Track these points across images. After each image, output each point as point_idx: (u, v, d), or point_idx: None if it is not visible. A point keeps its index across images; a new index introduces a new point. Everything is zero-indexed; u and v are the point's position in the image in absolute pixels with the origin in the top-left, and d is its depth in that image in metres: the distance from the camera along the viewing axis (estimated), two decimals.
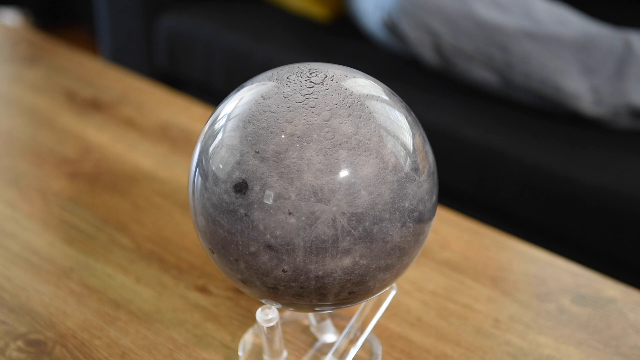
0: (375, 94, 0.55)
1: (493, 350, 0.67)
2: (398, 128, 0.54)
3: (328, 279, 0.52)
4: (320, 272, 0.52)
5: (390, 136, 0.53)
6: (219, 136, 0.53)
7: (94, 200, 0.85)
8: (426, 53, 1.35)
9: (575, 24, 1.28)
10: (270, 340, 0.62)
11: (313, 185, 0.50)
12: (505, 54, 1.27)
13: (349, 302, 0.56)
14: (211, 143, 0.54)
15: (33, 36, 1.29)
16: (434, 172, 0.56)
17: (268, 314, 0.60)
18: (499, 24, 1.28)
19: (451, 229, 0.82)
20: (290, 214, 0.50)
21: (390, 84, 0.65)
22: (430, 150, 0.56)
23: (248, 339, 0.67)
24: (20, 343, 0.66)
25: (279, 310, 0.63)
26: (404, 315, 0.70)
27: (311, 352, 0.66)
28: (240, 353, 0.65)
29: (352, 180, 0.51)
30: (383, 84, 0.57)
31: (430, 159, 0.56)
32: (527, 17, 1.29)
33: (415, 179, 0.53)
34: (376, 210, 0.51)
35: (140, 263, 0.75)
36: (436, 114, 1.30)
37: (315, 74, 0.54)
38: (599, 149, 1.22)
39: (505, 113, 1.30)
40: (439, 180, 0.60)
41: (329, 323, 0.67)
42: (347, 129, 0.51)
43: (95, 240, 0.79)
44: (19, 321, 0.68)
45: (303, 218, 0.50)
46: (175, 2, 1.71)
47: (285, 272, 0.52)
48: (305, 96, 0.52)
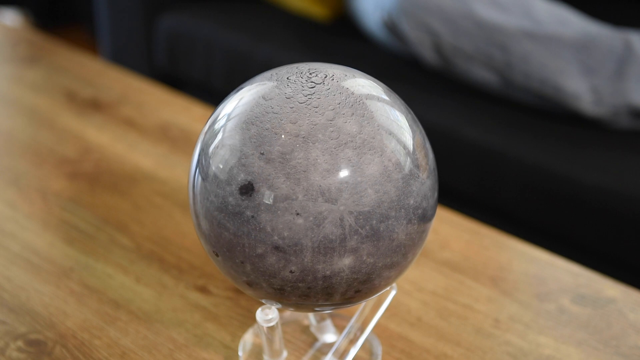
0: (375, 92, 0.55)
1: (493, 350, 0.67)
2: (399, 126, 0.54)
3: (335, 279, 0.53)
4: (328, 272, 0.52)
5: (393, 134, 0.53)
6: (221, 139, 0.53)
7: (94, 200, 0.85)
8: (426, 53, 1.35)
9: (575, 24, 1.28)
10: (270, 340, 0.62)
11: (320, 185, 0.50)
12: (505, 54, 1.27)
13: (354, 301, 0.56)
14: (213, 146, 0.54)
15: (33, 36, 1.29)
16: (435, 170, 0.57)
17: (268, 314, 0.60)
18: (499, 24, 1.28)
19: (451, 229, 0.82)
20: (297, 214, 0.50)
21: (390, 84, 0.65)
22: (430, 148, 0.57)
23: (248, 339, 0.67)
24: (20, 343, 0.66)
25: (279, 310, 0.63)
26: (404, 315, 0.70)
27: (311, 352, 0.66)
28: (240, 353, 0.65)
29: (359, 179, 0.51)
30: (381, 83, 0.57)
31: (430, 156, 0.56)
32: (527, 17, 1.29)
33: (418, 176, 0.54)
34: (382, 208, 0.52)
35: (140, 263, 0.75)
36: (436, 114, 1.30)
37: (315, 74, 0.54)
38: (599, 149, 1.22)
39: (505, 113, 1.30)
40: (439, 181, 0.60)
41: (329, 323, 0.67)
42: (351, 128, 0.52)
43: (95, 240, 0.79)
44: (19, 321, 0.68)
45: (311, 218, 0.50)
46: (175, 2, 1.71)
47: (292, 273, 0.52)
48: (308, 96, 0.52)
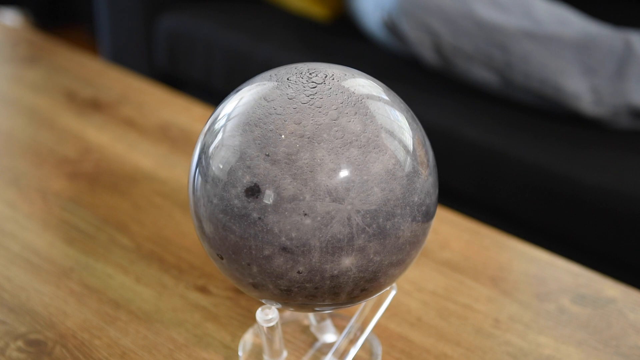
0: (374, 91, 0.55)
1: (493, 350, 0.67)
2: (400, 124, 0.54)
3: (343, 278, 0.53)
4: (336, 271, 0.52)
5: (395, 132, 0.53)
6: (224, 141, 0.53)
7: (94, 200, 0.85)
8: (426, 53, 1.35)
9: (575, 24, 1.28)
10: (270, 340, 0.62)
11: (327, 185, 0.50)
12: (505, 54, 1.27)
13: (358, 300, 0.56)
14: (215, 148, 0.53)
15: (33, 36, 1.29)
16: (435, 167, 0.57)
17: (268, 314, 0.60)
18: (499, 24, 1.28)
19: (451, 229, 0.82)
20: (305, 215, 0.50)
21: (390, 84, 0.65)
22: (430, 146, 0.57)
23: (248, 339, 0.67)
24: (20, 343, 0.66)
25: (279, 310, 0.63)
26: (404, 315, 0.70)
27: (311, 352, 0.66)
28: (240, 353, 0.65)
29: (365, 177, 0.51)
30: (380, 82, 0.57)
31: (430, 153, 0.57)
32: (527, 17, 1.29)
33: (421, 174, 0.54)
34: (389, 206, 0.52)
35: (140, 263, 0.75)
36: (436, 114, 1.30)
37: (315, 74, 0.54)
38: (599, 149, 1.22)
39: (505, 113, 1.30)
40: (439, 181, 0.61)
41: (329, 323, 0.67)
42: (356, 127, 0.52)
43: (95, 240, 0.79)
44: (19, 321, 0.68)
45: (318, 218, 0.50)
46: (175, 2, 1.71)
47: (300, 274, 0.52)
48: (310, 96, 0.52)
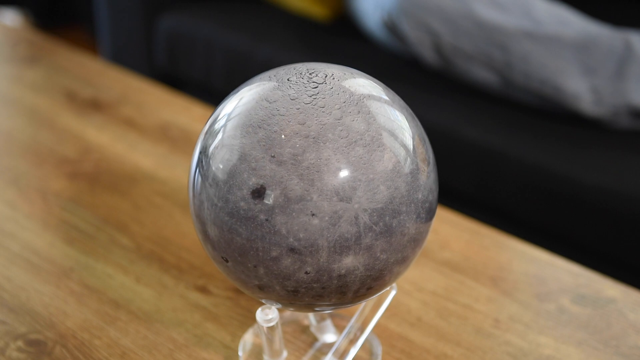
0: (374, 89, 0.55)
1: (493, 350, 0.67)
2: (402, 121, 0.54)
3: (350, 277, 0.53)
4: (343, 271, 0.52)
5: (398, 130, 0.53)
6: (227, 144, 0.53)
7: (94, 200, 0.85)
8: (426, 53, 1.35)
9: (575, 24, 1.28)
10: (270, 340, 0.62)
11: (334, 185, 0.50)
12: (505, 54, 1.27)
13: (363, 299, 0.56)
14: (217, 151, 0.53)
15: (33, 36, 1.29)
16: (435, 164, 0.57)
17: (268, 314, 0.60)
18: (499, 24, 1.28)
19: (451, 229, 0.82)
20: (313, 215, 0.50)
21: (390, 84, 0.65)
22: (429, 143, 0.58)
23: (248, 339, 0.67)
24: (20, 343, 0.66)
25: (279, 310, 0.63)
26: (404, 315, 0.70)
27: (311, 352, 0.66)
28: (240, 353, 0.65)
29: (371, 176, 0.51)
30: (378, 80, 0.57)
31: (430, 151, 0.57)
32: (527, 17, 1.29)
33: (424, 170, 0.54)
34: (394, 204, 0.52)
35: (140, 263, 0.75)
36: (436, 114, 1.30)
37: (315, 74, 0.54)
38: (599, 149, 1.22)
39: (505, 113, 1.30)
40: (439, 181, 0.61)
41: (329, 323, 0.67)
42: (359, 125, 0.52)
43: (95, 240, 0.79)
44: (19, 321, 0.68)
45: (326, 218, 0.50)
46: (175, 2, 1.71)
47: (308, 274, 0.52)
48: (312, 97, 0.52)
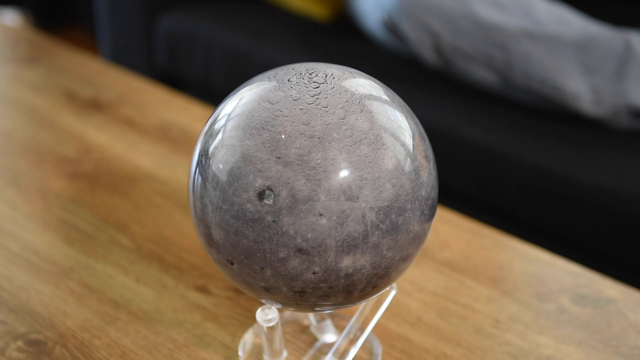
0: (373, 87, 0.55)
1: (493, 350, 0.67)
2: (402, 119, 0.55)
3: (357, 276, 0.53)
4: (351, 270, 0.52)
5: (400, 128, 0.54)
6: (230, 147, 0.53)
7: (94, 200, 0.85)
8: (426, 53, 1.35)
9: (575, 24, 1.28)
10: (270, 340, 0.62)
11: (341, 184, 0.50)
12: (505, 54, 1.27)
13: (368, 297, 0.57)
14: (220, 155, 0.53)
15: (33, 36, 1.29)
16: (435, 161, 0.58)
17: (268, 314, 0.60)
18: (499, 24, 1.28)
19: (451, 229, 0.82)
20: (321, 215, 0.50)
21: (390, 84, 0.65)
22: (428, 140, 0.58)
23: (248, 339, 0.67)
24: (20, 343, 0.66)
25: (279, 310, 0.63)
26: (404, 315, 0.70)
27: (311, 352, 0.66)
28: (240, 353, 0.65)
29: (377, 174, 0.51)
30: (376, 79, 0.57)
31: (430, 147, 0.57)
32: (527, 17, 1.29)
33: (426, 167, 0.55)
34: (400, 201, 0.52)
35: (140, 263, 0.75)
36: (436, 114, 1.30)
37: (315, 74, 0.54)
38: (599, 149, 1.22)
39: (505, 113, 1.30)
40: (439, 181, 0.61)
41: (329, 323, 0.67)
42: (363, 124, 0.52)
43: (95, 240, 0.79)
44: (19, 321, 0.68)
45: (334, 218, 0.51)
46: (175, 2, 1.71)
47: (315, 274, 0.52)
48: (315, 97, 0.52)
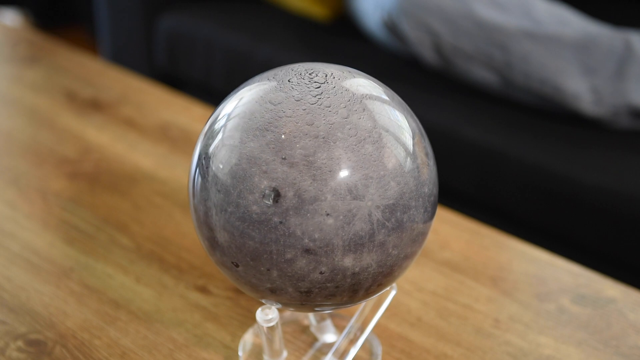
0: (373, 86, 0.55)
1: (493, 350, 0.67)
2: (403, 117, 0.55)
3: (363, 274, 0.53)
4: (357, 269, 0.53)
5: (401, 125, 0.54)
6: (234, 149, 0.52)
7: (94, 200, 0.85)
8: (426, 53, 1.35)
9: (575, 24, 1.28)
10: (270, 340, 0.62)
11: (347, 184, 0.51)
12: (505, 54, 1.27)
13: (371, 296, 0.57)
14: (223, 157, 0.53)
15: (33, 36, 1.29)
16: (434, 157, 0.58)
17: (268, 314, 0.60)
18: (499, 24, 1.28)
19: (451, 229, 0.82)
20: (327, 215, 0.50)
21: (390, 84, 0.65)
22: (427, 137, 0.58)
23: (248, 339, 0.67)
24: (20, 343, 0.66)
25: (279, 310, 0.63)
26: (404, 315, 0.70)
27: (311, 352, 0.66)
28: (240, 353, 0.65)
29: (382, 173, 0.51)
30: (374, 78, 0.57)
31: (429, 144, 0.58)
32: (527, 17, 1.29)
33: (428, 164, 0.55)
34: (404, 199, 0.52)
35: (140, 263, 0.75)
36: (436, 114, 1.30)
37: (315, 74, 0.54)
38: (599, 149, 1.22)
39: (505, 113, 1.30)
40: (439, 181, 0.61)
41: (329, 323, 0.67)
42: (367, 123, 0.52)
43: (95, 240, 0.79)
44: (19, 321, 0.68)
45: (341, 217, 0.51)
46: (175, 2, 1.71)
47: (322, 274, 0.52)
48: (317, 97, 0.52)
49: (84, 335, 0.67)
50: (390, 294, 0.63)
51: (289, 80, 0.54)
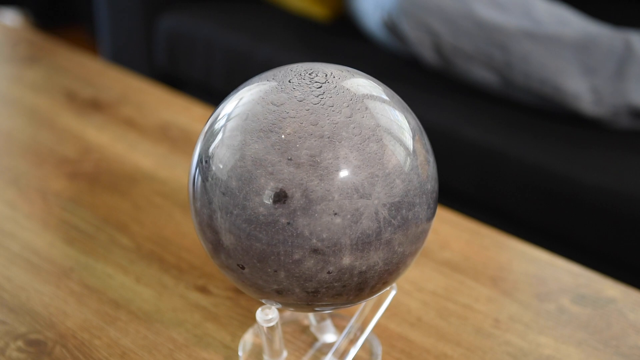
0: (371, 85, 0.56)
1: (493, 350, 0.67)
2: (403, 115, 0.55)
3: (370, 273, 0.53)
4: (364, 267, 0.53)
5: (403, 123, 0.54)
6: (238, 151, 0.52)
7: (94, 200, 0.85)
8: (426, 53, 1.35)
9: (575, 24, 1.28)
10: (270, 340, 0.62)
11: (354, 183, 0.51)
12: (505, 54, 1.27)
13: (376, 293, 0.57)
14: (227, 160, 0.52)
15: (33, 36, 1.29)
16: (433, 153, 0.58)
17: (268, 314, 0.60)
18: (499, 24, 1.28)
19: (451, 229, 0.82)
20: (335, 214, 0.51)
21: (390, 84, 0.65)
22: (426, 134, 0.59)
23: (248, 339, 0.67)
24: (20, 343, 0.66)
25: (279, 310, 0.63)
26: (404, 315, 0.70)
27: (311, 352, 0.66)
28: (240, 353, 0.65)
29: (387, 171, 0.52)
30: (372, 77, 0.58)
31: (428, 141, 0.58)
32: (527, 17, 1.29)
33: (429, 161, 0.55)
34: (409, 196, 0.53)
35: (140, 263, 0.75)
36: (436, 114, 1.30)
37: (315, 74, 0.54)
38: (599, 149, 1.22)
39: (505, 113, 1.30)
40: (439, 180, 0.61)
41: (329, 323, 0.67)
42: (370, 122, 0.52)
43: (95, 240, 0.79)
44: (19, 321, 0.68)
45: (348, 216, 0.51)
46: (175, 2, 1.71)
47: (330, 274, 0.52)
48: (319, 97, 0.52)
49: (84, 335, 0.67)
50: (390, 294, 0.63)
51: (289, 81, 0.54)
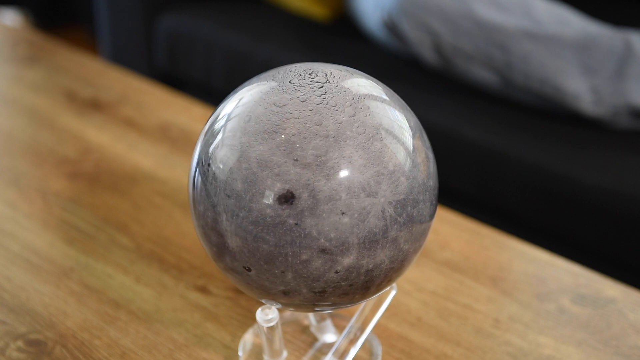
0: (371, 84, 0.56)
1: (493, 350, 0.67)
2: (404, 114, 0.55)
3: (376, 271, 0.53)
4: (371, 266, 0.53)
5: (404, 121, 0.54)
6: (242, 153, 0.52)
7: (94, 200, 0.85)
8: (426, 53, 1.35)
9: (575, 24, 1.28)
10: (270, 340, 0.62)
11: (360, 181, 0.51)
12: (505, 54, 1.27)
13: (381, 290, 0.57)
14: (231, 161, 0.52)
15: (33, 36, 1.29)
16: (432, 150, 0.59)
17: (268, 314, 0.60)
18: (499, 24, 1.28)
19: (451, 229, 0.82)
20: (343, 213, 0.51)
21: (390, 84, 0.65)
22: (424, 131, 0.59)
23: (248, 339, 0.67)
24: (20, 343, 0.66)
25: (279, 310, 0.63)
26: (404, 315, 0.70)
27: (311, 352, 0.66)
28: (240, 353, 0.65)
29: (392, 168, 0.52)
30: (371, 76, 0.58)
31: (427, 138, 0.58)
32: (527, 17, 1.29)
33: (430, 158, 0.56)
34: (414, 193, 0.53)
35: (140, 263, 0.75)
36: (436, 114, 1.30)
37: (315, 74, 0.54)
38: (599, 149, 1.22)
39: (505, 113, 1.30)
40: (439, 181, 0.61)
41: (329, 323, 0.67)
42: (373, 120, 0.52)
43: (95, 240, 0.79)
44: (19, 321, 0.68)
45: (356, 215, 0.51)
46: (175, 2, 1.71)
47: (337, 273, 0.52)
48: (322, 96, 0.52)
49: (84, 335, 0.67)
50: (390, 294, 0.63)
51: (290, 82, 0.54)
